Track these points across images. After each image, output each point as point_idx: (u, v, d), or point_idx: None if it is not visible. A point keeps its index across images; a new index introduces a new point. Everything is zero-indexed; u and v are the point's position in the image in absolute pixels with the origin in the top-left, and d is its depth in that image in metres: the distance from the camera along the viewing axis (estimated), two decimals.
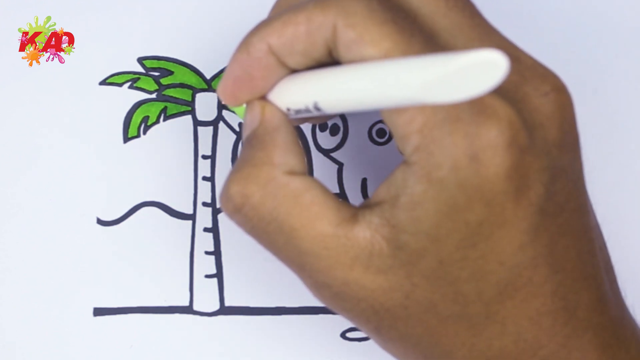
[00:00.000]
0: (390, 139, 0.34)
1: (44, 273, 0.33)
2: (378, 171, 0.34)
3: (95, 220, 0.33)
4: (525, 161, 0.22)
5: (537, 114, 0.23)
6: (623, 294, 0.27)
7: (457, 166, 0.22)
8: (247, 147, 0.25)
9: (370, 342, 0.33)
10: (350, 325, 0.33)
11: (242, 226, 0.25)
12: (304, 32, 0.23)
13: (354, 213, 0.24)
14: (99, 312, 0.33)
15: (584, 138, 0.25)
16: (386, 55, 0.22)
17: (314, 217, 0.23)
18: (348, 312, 0.25)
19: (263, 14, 0.34)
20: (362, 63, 0.22)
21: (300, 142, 0.25)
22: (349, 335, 0.33)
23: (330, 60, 0.24)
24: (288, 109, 0.25)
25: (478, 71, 0.18)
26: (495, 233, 0.22)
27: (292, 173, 0.24)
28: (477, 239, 0.22)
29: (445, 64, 0.18)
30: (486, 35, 0.24)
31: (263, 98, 0.26)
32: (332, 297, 0.24)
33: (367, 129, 0.34)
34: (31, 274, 0.33)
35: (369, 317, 0.24)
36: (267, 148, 0.24)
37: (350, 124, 0.34)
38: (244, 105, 0.26)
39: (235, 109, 0.28)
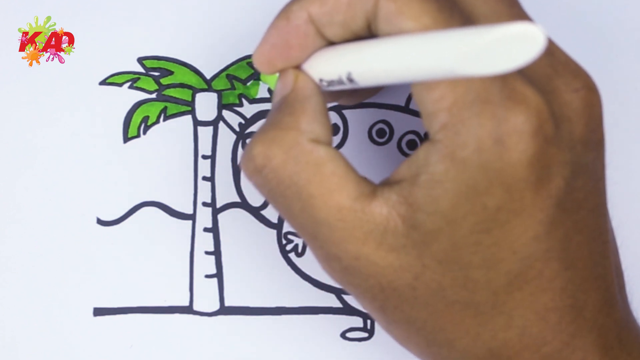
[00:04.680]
0: (390, 139, 0.34)
1: (44, 273, 0.33)
2: (378, 171, 0.34)
3: (95, 220, 0.33)
4: (549, 152, 0.22)
5: (565, 108, 0.23)
6: (630, 298, 0.27)
7: (481, 147, 0.22)
8: (275, 111, 0.25)
9: (370, 342, 0.33)
10: (350, 325, 0.33)
11: (260, 188, 0.25)
12: (345, 3, 0.24)
13: (373, 189, 0.24)
14: (99, 312, 0.33)
15: None
16: (425, 30, 0.22)
17: (334, 188, 0.23)
18: (355, 288, 0.25)
19: (263, 13, 0.34)
20: (399, 35, 0.22)
21: (328, 114, 0.25)
22: (349, 335, 0.33)
23: (368, 34, 0.24)
24: (321, 80, 0.25)
25: (515, 44, 0.18)
26: (511, 220, 0.22)
27: (317, 141, 0.24)
28: (492, 224, 0.22)
29: (484, 35, 0.18)
30: None
31: (297, 68, 0.26)
32: (341, 271, 0.24)
33: (367, 129, 0.34)
34: (31, 274, 0.33)
35: (375, 294, 0.24)
36: (295, 113, 0.24)
37: (350, 124, 0.34)
38: (276, 75, 0.26)
39: (266, 79, 0.28)
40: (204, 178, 0.34)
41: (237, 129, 0.34)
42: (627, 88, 0.34)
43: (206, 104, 0.34)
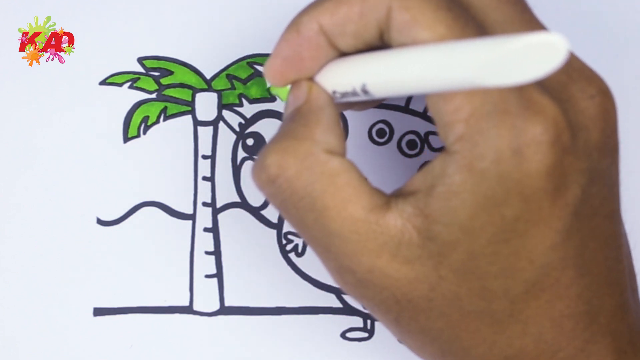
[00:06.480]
0: (390, 139, 0.34)
1: (44, 273, 0.33)
2: (378, 171, 0.34)
3: (95, 220, 0.33)
4: (566, 161, 0.22)
5: (581, 116, 0.23)
6: None
7: (500, 158, 0.21)
8: (288, 122, 0.25)
9: (370, 342, 0.33)
10: (350, 325, 0.33)
11: (272, 199, 0.25)
12: (357, 13, 0.23)
13: (387, 200, 0.23)
14: (99, 312, 0.33)
15: None
16: (440, 40, 0.21)
17: (348, 199, 0.23)
18: (369, 300, 0.25)
19: (263, 13, 0.34)
20: (415, 45, 0.22)
21: (342, 125, 0.25)
22: (349, 335, 0.33)
23: (380, 44, 0.24)
24: (334, 92, 0.25)
25: (537, 53, 0.18)
26: (529, 230, 0.22)
27: (331, 152, 0.24)
28: (510, 234, 0.22)
29: (505, 45, 0.18)
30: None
31: (309, 79, 0.25)
32: (355, 284, 0.24)
33: (367, 129, 0.34)
34: (31, 274, 0.33)
35: (389, 306, 0.24)
36: (309, 124, 0.24)
37: (350, 124, 0.34)
38: (288, 87, 0.26)
39: (277, 91, 0.27)
40: (204, 178, 0.34)
41: (237, 129, 0.34)
42: (637, 90, 0.34)
43: (206, 104, 0.34)
